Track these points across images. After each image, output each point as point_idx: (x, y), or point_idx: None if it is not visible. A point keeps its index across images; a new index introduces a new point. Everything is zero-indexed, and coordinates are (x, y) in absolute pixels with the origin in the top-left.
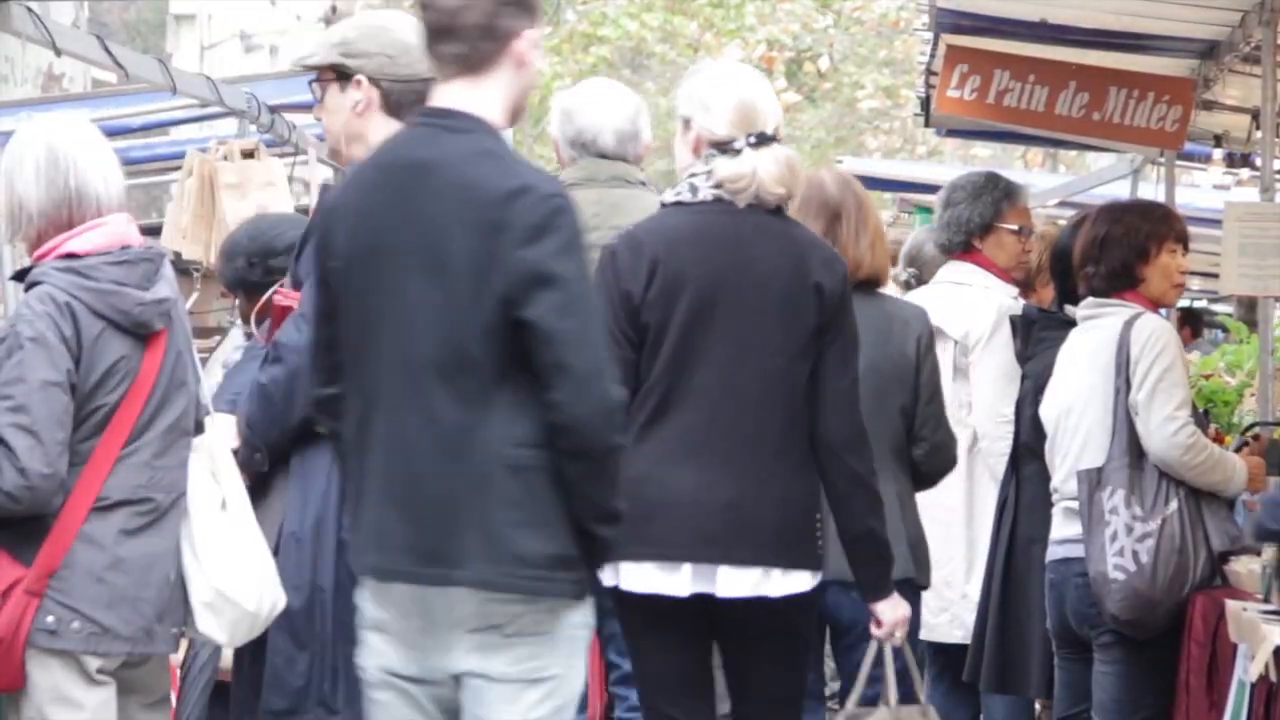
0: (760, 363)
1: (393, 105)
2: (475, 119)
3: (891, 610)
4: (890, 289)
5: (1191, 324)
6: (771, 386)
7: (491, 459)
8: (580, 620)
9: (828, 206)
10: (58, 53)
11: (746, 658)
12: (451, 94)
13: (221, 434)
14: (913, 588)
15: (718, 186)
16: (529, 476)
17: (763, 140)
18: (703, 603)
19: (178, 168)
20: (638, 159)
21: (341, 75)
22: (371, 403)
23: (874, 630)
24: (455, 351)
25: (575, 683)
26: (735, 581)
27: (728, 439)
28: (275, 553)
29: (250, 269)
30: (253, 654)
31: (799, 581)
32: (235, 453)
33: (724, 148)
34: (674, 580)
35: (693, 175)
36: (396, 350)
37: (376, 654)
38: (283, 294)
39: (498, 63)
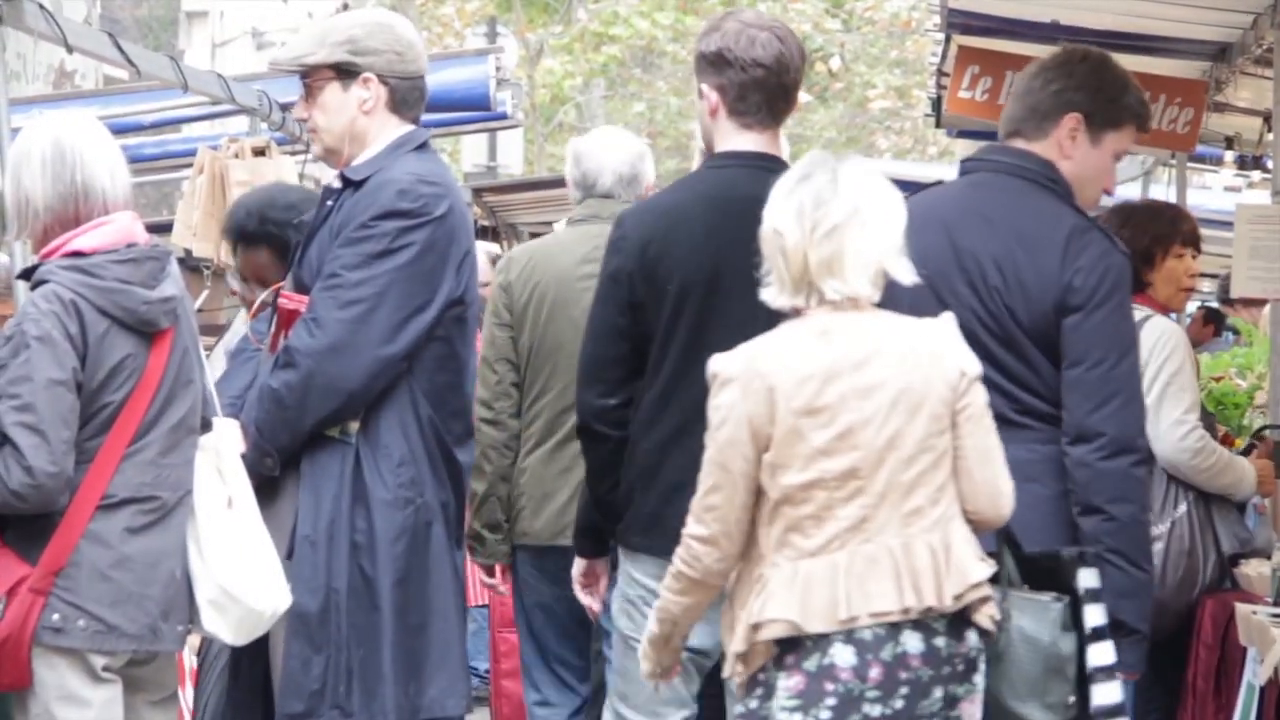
0: None
1: (397, 103)
2: (786, 164)
3: None
4: None
5: (1216, 321)
6: None
7: None
8: None
9: None
10: (69, 50)
11: None
12: (766, 142)
13: (228, 435)
14: None
15: None
16: None
17: None
18: None
19: (189, 165)
20: (639, 199)
21: (344, 73)
22: (699, 411)
23: None
24: None
25: None
26: None
27: None
28: (289, 556)
29: (247, 218)
30: (252, 656)
31: None
32: (243, 456)
33: None
34: None
35: None
36: None
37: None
38: (288, 297)
39: (787, 116)
